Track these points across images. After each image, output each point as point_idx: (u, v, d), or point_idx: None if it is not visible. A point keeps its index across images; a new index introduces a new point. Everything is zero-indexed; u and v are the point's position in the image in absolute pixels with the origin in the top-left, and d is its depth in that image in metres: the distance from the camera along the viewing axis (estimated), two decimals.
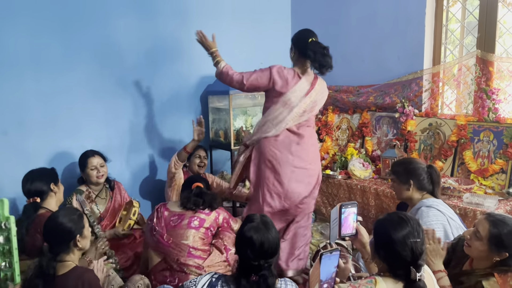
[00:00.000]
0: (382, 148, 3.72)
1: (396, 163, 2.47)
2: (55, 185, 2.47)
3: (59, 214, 1.89)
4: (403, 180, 2.35)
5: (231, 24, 3.92)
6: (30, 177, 2.44)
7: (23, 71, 2.87)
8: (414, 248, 1.50)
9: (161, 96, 3.60)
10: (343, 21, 4.03)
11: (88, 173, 2.87)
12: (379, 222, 1.63)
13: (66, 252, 1.85)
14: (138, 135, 3.52)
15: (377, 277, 1.56)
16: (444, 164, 3.26)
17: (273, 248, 1.66)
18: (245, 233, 1.67)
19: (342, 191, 3.51)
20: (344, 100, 3.96)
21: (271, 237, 1.67)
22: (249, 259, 1.63)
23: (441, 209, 2.25)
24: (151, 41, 3.47)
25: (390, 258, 1.55)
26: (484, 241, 1.75)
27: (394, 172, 2.43)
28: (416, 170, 2.34)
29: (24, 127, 2.92)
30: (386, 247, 1.55)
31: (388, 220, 1.60)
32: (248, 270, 1.65)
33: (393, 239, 1.52)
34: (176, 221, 2.46)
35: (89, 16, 3.11)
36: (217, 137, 3.84)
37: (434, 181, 2.36)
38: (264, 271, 1.64)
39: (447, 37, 3.54)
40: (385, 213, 1.71)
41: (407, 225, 1.55)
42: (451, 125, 3.30)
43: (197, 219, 2.48)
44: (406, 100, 3.54)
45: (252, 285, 1.63)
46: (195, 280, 1.73)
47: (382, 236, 1.58)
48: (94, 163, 2.88)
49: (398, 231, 1.53)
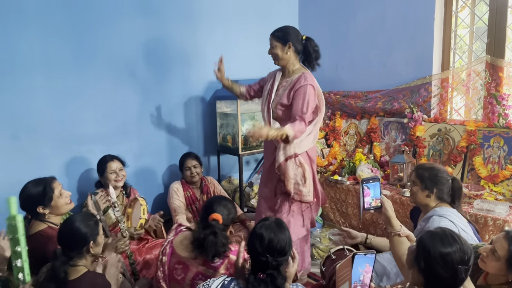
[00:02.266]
0: (391, 153, 3.71)
1: (422, 167, 2.38)
2: (44, 208, 2.25)
3: (76, 219, 1.89)
4: (426, 186, 2.29)
5: (239, 28, 3.94)
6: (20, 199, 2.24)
7: (34, 75, 2.90)
8: (458, 272, 1.43)
9: (169, 101, 3.61)
10: (351, 26, 4.03)
11: (107, 177, 2.90)
12: (429, 233, 1.55)
13: (78, 257, 1.86)
14: (147, 139, 3.53)
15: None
16: (453, 170, 3.24)
17: (282, 246, 1.68)
18: (256, 230, 1.71)
19: (350, 197, 3.49)
20: (352, 105, 3.96)
21: (282, 237, 1.69)
22: (257, 253, 1.65)
23: (453, 219, 2.18)
24: (159, 45, 3.49)
25: (428, 274, 1.47)
26: (502, 261, 1.65)
27: (418, 175, 2.34)
28: (441, 180, 2.29)
29: (36, 132, 2.94)
30: (427, 260, 1.46)
31: (439, 233, 1.52)
32: (256, 268, 1.67)
33: (437, 253, 1.45)
34: (180, 273, 2.05)
35: (99, 20, 3.14)
36: (225, 142, 3.84)
37: (455, 194, 2.32)
38: (272, 270, 1.64)
39: (456, 43, 3.53)
40: (438, 227, 1.61)
41: (457, 244, 1.46)
42: (460, 130, 3.28)
43: (201, 277, 2.02)
44: (415, 106, 3.53)
45: (260, 282, 1.63)
46: (208, 283, 1.75)
47: (427, 246, 1.48)
48: (113, 167, 2.92)
49: (446, 247, 1.45)
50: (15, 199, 1.95)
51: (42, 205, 2.24)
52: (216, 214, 2.03)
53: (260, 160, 4.35)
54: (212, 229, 1.98)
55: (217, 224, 2.00)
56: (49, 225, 2.26)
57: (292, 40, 2.66)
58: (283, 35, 2.67)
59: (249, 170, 4.31)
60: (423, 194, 2.32)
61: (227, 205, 2.13)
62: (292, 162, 2.64)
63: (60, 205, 2.29)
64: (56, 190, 2.29)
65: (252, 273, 1.68)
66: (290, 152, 2.63)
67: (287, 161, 2.63)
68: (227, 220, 2.09)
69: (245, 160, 4.15)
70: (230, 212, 2.13)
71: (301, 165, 2.66)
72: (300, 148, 2.67)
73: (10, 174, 2.82)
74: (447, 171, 2.39)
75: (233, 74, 3.82)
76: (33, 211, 2.23)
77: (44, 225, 2.25)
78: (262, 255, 1.65)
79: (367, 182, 1.85)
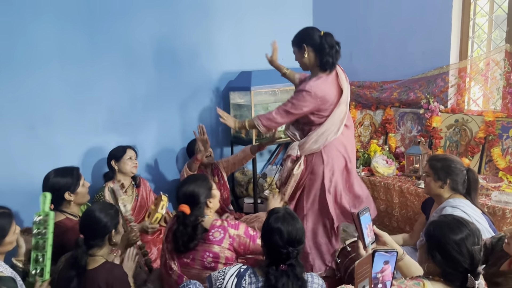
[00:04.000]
0: (406, 144, 3.66)
1: (435, 158, 2.38)
2: (71, 194, 2.33)
3: (96, 208, 1.93)
4: (440, 176, 2.28)
5: (252, 19, 3.90)
6: (44, 184, 2.33)
7: (50, 66, 2.93)
8: (473, 253, 1.43)
9: (182, 92, 3.62)
10: (366, 15, 3.97)
11: (124, 162, 2.93)
12: (435, 223, 1.55)
13: (99, 246, 1.88)
14: (160, 131, 3.55)
15: (425, 280, 1.49)
16: (471, 162, 3.18)
17: (300, 236, 1.71)
18: (272, 224, 1.72)
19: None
20: (367, 96, 3.91)
21: (298, 226, 1.73)
22: (278, 246, 1.66)
23: (466, 210, 2.16)
24: (174, 36, 3.49)
25: (446, 263, 1.46)
26: None
27: (432, 166, 2.33)
28: (455, 171, 2.27)
29: (51, 122, 2.98)
30: (442, 250, 1.46)
31: (445, 222, 1.53)
32: (276, 259, 1.68)
33: (451, 242, 1.45)
34: (188, 255, 2.10)
35: (114, 12, 3.15)
36: (238, 133, 3.84)
37: (470, 185, 2.29)
38: (292, 260, 1.67)
39: (474, 31, 3.45)
40: (440, 216, 1.62)
41: (466, 228, 1.47)
42: (478, 121, 3.22)
43: (209, 254, 2.07)
44: (431, 96, 3.47)
45: (282, 274, 1.66)
46: (223, 270, 1.77)
47: (438, 237, 1.49)
48: (130, 154, 2.97)
49: (456, 233, 1.46)
50: (50, 195, 1.99)
51: (70, 191, 2.31)
52: (183, 206, 2.08)
53: (273, 151, 4.34)
54: (180, 221, 2.07)
55: (185, 216, 2.06)
56: (67, 216, 2.30)
57: (306, 41, 2.53)
58: (297, 39, 2.58)
59: (262, 161, 4.30)
60: (436, 185, 2.30)
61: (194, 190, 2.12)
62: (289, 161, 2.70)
63: (83, 194, 2.38)
64: (81, 178, 2.39)
65: (270, 264, 1.69)
66: (289, 152, 2.71)
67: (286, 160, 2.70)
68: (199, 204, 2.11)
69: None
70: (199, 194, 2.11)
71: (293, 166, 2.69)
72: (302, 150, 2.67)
73: (27, 164, 2.86)
74: (461, 162, 2.37)
75: (246, 65, 3.83)
76: (57, 199, 2.28)
77: (62, 216, 2.29)
78: (283, 247, 1.66)
79: (362, 214, 1.72)
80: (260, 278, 1.71)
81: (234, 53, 3.85)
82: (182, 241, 2.06)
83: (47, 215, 1.95)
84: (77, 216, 2.34)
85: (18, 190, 2.80)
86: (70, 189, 2.31)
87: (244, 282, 1.70)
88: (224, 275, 1.74)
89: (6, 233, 1.79)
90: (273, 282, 1.65)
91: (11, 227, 1.82)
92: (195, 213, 2.08)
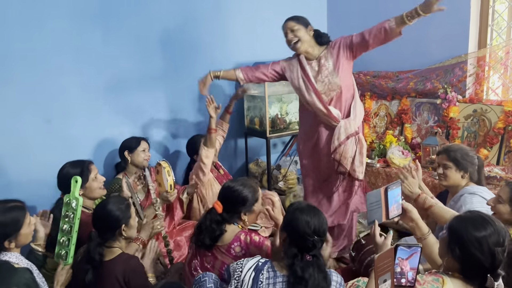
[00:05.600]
0: (423, 135, 3.60)
1: (451, 149, 2.35)
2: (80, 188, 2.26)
3: (108, 202, 1.94)
4: (461, 166, 2.26)
5: (265, 9, 3.86)
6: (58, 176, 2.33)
7: (65, 60, 2.95)
8: (495, 253, 1.39)
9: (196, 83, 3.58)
10: (381, 3, 3.89)
11: (138, 154, 2.94)
12: (459, 218, 1.52)
13: (112, 239, 1.90)
14: (174, 123, 3.56)
15: (445, 276, 1.46)
16: (489, 152, 3.12)
17: (324, 227, 1.71)
18: (298, 214, 1.71)
19: (380, 180, 3.43)
20: (382, 86, 3.85)
21: (322, 216, 1.74)
22: (305, 234, 1.65)
23: (485, 196, 2.17)
24: (186, 26, 3.48)
25: (465, 260, 1.43)
26: (508, 203, 1.90)
27: (451, 157, 2.29)
28: (473, 160, 2.28)
29: (67, 115, 3.01)
30: (463, 246, 1.42)
31: (470, 217, 1.49)
32: (301, 249, 1.67)
33: (472, 238, 1.41)
34: (210, 261, 2.05)
35: (127, 3, 3.15)
36: (252, 125, 3.82)
37: (480, 171, 2.32)
38: (317, 251, 1.66)
39: (493, 19, 3.36)
40: (467, 212, 1.60)
41: (491, 226, 1.43)
42: (497, 111, 3.15)
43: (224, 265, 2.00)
44: (449, 86, 3.40)
45: (308, 264, 1.64)
46: (241, 262, 1.75)
47: (460, 232, 1.45)
48: (144, 146, 2.98)
49: (480, 231, 1.42)
50: (80, 179, 2.00)
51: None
52: (218, 203, 2.05)
53: (287, 142, 4.32)
54: (208, 216, 2.05)
55: (214, 212, 2.03)
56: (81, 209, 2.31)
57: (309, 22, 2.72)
58: (303, 19, 2.70)
59: (276, 152, 4.28)
60: (457, 175, 2.28)
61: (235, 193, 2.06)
62: (352, 140, 2.70)
63: (93, 188, 2.36)
64: (93, 172, 2.37)
65: (296, 255, 1.66)
66: (351, 130, 2.69)
67: (348, 139, 2.68)
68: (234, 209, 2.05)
69: (273, 142, 4.12)
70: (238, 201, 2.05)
71: (360, 141, 2.73)
72: (357, 123, 2.73)
73: (43, 157, 2.90)
74: (472, 149, 2.39)
75: (259, 56, 3.79)
76: (68, 191, 2.27)
77: None
78: (310, 235, 1.65)
79: (391, 189, 1.75)
80: (278, 273, 1.68)
81: (247, 43, 3.82)
82: (203, 236, 2.02)
83: (77, 200, 1.96)
84: (90, 209, 2.36)
85: (35, 181, 2.84)
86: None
87: (262, 277, 1.68)
88: (242, 268, 1.72)
89: (20, 226, 1.81)
90: (299, 274, 1.61)
91: (25, 219, 1.83)
92: (224, 216, 2.03)
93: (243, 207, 2.06)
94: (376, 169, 3.44)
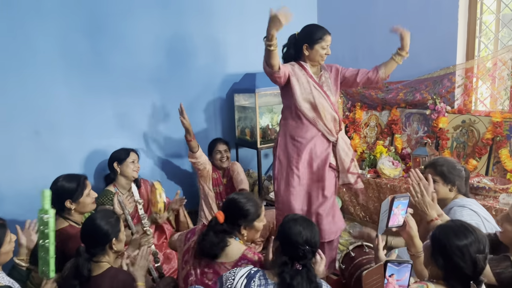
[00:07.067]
0: (413, 146, 3.63)
1: (437, 163, 2.32)
2: (72, 202, 2.27)
3: (97, 216, 1.91)
4: (448, 180, 2.24)
5: (256, 20, 3.86)
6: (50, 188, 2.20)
7: (53, 71, 2.93)
8: (477, 261, 1.42)
9: (187, 94, 3.60)
10: (371, 14, 3.93)
11: (127, 165, 2.92)
12: (441, 227, 1.55)
13: (101, 253, 1.88)
14: (164, 133, 3.54)
15: (429, 283, 1.49)
16: (478, 163, 3.15)
17: (316, 239, 1.74)
18: (291, 224, 1.75)
19: (371, 190, 3.44)
20: (372, 96, 3.88)
21: (315, 229, 1.78)
22: (297, 243, 1.69)
23: (474, 209, 2.16)
24: (177, 38, 3.48)
25: (448, 267, 1.46)
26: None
27: (438, 172, 2.27)
28: (460, 172, 2.27)
29: (55, 127, 2.98)
30: (445, 254, 1.46)
31: (451, 226, 1.52)
32: (292, 258, 1.69)
33: (454, 247, 1.44)
34: (211, 278, 1.98)
35: (116, 15, 3.14)
36: (243, 135, 3.82)
37: (466, 183, 2.31)
38: (307, 261, 1.69)
39: (481, 30, 3.41)
40: (449, 220, 1.63)
41: (472, 235, 1.46)
42: (485, 122, 3.18)
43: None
44: (438, 97, 3.44)
45: (297, 272, 1.66)
46: (234, 271, 1.76)
47: (442, 242, 1.48)
48: (133, 157, 2.97)
49: (461, 239, 1.45)
50: (49, 193, 1.95)
51: (71, 200, 2.27)
52: (220, 212, 2.01)
53: None
54: (211, 225, 2.01)
55: (215, 222, 1.99)
56: (70, 223, 2.28)
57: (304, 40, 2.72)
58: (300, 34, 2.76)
59: (267, 163, 4.28)
60: (445, 189, 2.27)
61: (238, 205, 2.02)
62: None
63: (86, 204, 2.34)
64: (87, 188, 2.35)
65: (286, 263, 1.69)
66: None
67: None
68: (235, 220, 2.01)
69: (264, 153, 4.12)
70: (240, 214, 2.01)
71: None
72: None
73: (32, 170, 2.87)
74: (458, 162, 2.38)
75: (251, 67, 3.80)
76: (59, 205, 2.24)
77: (65, 223, 2.28)
78: (302, 245, 1.69)
79: (398, 200, 1.78)
80: (270, 281, 1.70)
81: (238, 54, 3.83)
82: (205, 246, 1.96)
83: (47, 212, 1.91)
84: (79, 223, 2.33)
85: (23, 195, 2.80)
86: (72, 198, 2.27)
87: (253, 284, 1.69)
88: (235, 276, 1.74)
89: (1, 244, 1.77)
90: (288, 281, 1.64)
91: (6, 237, 1.79)
92: (225, 227, 1.98)
93: (244, 220, 2.02)
94: (366, 179, 3.45)
